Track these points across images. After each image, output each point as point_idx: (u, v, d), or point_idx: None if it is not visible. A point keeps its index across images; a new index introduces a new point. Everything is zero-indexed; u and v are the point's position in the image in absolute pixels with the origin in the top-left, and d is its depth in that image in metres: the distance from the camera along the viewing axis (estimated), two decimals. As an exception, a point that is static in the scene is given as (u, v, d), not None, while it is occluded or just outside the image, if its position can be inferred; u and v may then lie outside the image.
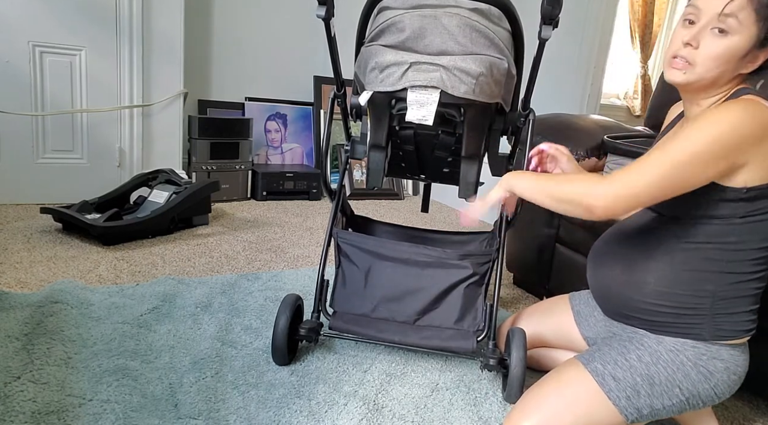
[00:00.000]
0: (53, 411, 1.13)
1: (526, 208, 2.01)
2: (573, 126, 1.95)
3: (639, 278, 1.11)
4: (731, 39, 0.99)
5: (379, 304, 1.44)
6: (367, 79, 1.29)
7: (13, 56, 2.46)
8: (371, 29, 1.30)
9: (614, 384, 1.07)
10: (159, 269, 1.98)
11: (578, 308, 1.37)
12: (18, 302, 1.56)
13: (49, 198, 2.63)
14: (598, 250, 1.24)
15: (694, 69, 1.03)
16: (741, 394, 1.49)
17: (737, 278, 1.05)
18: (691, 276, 1.06)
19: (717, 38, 1.00)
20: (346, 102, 1.52)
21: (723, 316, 1.05)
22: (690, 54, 1.02)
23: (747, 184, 0.99)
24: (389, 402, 1.30)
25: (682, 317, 1.07)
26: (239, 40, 3.33)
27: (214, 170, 3.08)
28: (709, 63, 1.01)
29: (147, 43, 2.72)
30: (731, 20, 0.98)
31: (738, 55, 1.00)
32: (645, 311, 1.11)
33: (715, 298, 1.05)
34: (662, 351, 1.08)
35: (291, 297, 1.41)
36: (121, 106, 2.73)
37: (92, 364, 1.32)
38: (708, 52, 1.01)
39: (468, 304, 1.44)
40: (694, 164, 0.96)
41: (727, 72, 1.02)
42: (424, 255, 1.45)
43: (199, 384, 1.28)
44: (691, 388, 1.06)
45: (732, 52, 1.00)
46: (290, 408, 1.24)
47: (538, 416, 1.07)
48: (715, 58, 1.00)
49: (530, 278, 2.06)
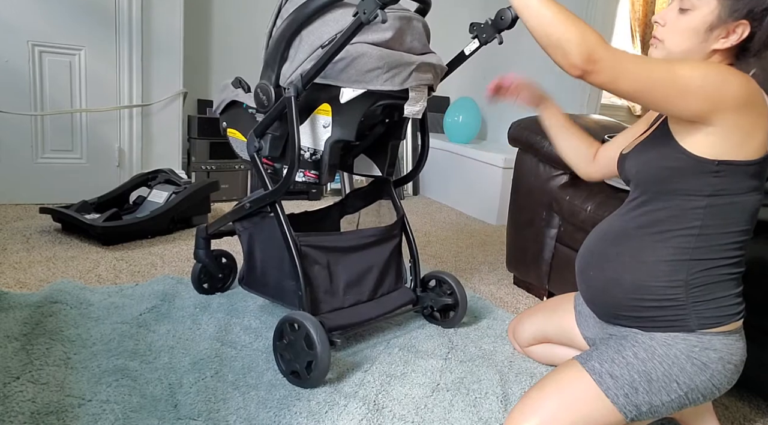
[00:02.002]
0: (52, 412, 1.13)
1: (525, 208, 2.01)
2: (573, 126, 1.95)
3: (617, 276, 1.14)
4: (692, 15, 1.05)
5: (346, 292, 1.52)
6: (358, 78, 1.33)
7: (13, 56, 2.46)
8: (340, 23, 1.31)
9: (612, 382, 1.07)
10: (158, 269, 1.98)
11: (580, 308, 1.38)
12: (17, 303, 1.55)
13: (49, 198, 2.62)
14: (581, 256, 1.27)
15: (663, 44, 1.10)
16: (741, 394, 1.49)
17: (706, 265, 1.06)
18: (661, 267, 1.08)
19: (680, 15, 1.07)
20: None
21: (701, 304, 1.06)
22: (659, 32, 1.11)
23: (717, 157, 1.01)
24: (389, 402, 1.30)
25: (664, 310, 1.08)
26: (239, 40, 3.32)
27: (213, 169, 3.07)
28: (674, 38, 1.08)
29: (147, 42, 2.72)
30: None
31: (701, 29, 1.05)
32: (630, 308, 1.13)
33: (688, 286, 1.07)
34: (656, 346, 1.08)
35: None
36: (121, 106, 2.73)
37: (91, 364, 1.31)
38: (672, 28, 1.08)
39: (398, 265, 1.67)
40: (681, 83, 0.98)
41: (696, 46, 1.07)
42: (369, 236, 1.58)
43: (198, 385, 1.28)
44: (688, 382, 1.06)
45: (694, 26, 1.05)
46: (290, 409, 1.23)
47: (538, 417, 1.07)
48: (679, 32, 1.07)
49: (531, 279, 2.06)
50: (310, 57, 1.34)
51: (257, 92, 1.40)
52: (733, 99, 0.97)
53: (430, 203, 3.54)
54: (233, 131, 1.58)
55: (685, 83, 0.97)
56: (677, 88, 0.97)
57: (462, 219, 3.19)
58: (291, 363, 1.33)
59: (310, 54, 1.34)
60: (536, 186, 1.97)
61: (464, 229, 2.99)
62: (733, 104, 0.98)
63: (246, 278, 1.59)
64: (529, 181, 2.01)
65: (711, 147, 1.01)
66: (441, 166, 3.56)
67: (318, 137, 1.43)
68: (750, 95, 0.98)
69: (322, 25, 1.33)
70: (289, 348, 1.34)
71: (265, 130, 1.43)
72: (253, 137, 1.44)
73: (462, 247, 2.63)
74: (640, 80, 0.98)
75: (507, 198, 2.27)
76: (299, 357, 1.31)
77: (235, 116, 1.55)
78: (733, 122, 0.99)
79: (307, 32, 1.35)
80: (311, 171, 1.47)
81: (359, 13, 1.18)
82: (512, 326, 1.60)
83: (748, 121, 0.99)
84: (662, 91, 0.98)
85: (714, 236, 1.05)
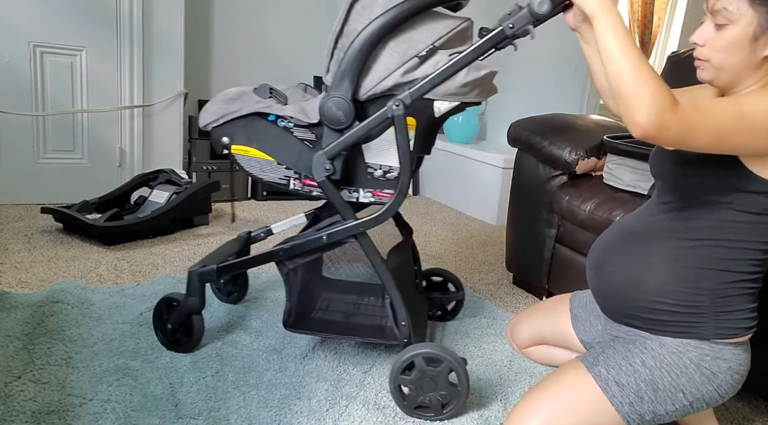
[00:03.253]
0: (54, 411, 1.13)
1: (525, 208, 2.01)
2: (573, 126, 1.96)
3: (639, 276, 1.11)
4: (730, 30, 0.99)
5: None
6: (456, 91, 1.24)
7: (14, 56, 2.47)
8: (434, 31, 1.23)
9: (618, 390, 1.06)
10: (159, 269, 1.98)
11: (576, 311, 1.37)
12: (19, 302, 1.56)
13: (50, 198, 2.63)
14: (597, 250, 1.24)
15: (710, 64, 1.04)
16: (741, 394, 1.49)
17: (735, 277, 1.05)
18: (689, 273, 1.07)
19: (717, 32, 1.01)
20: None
21: (723, 314, 1.05)
22: (701, 52, 1.04)
23: None
24: (390, 402, 1.30)
25: (682, 316, 1.07)
26: (239, 40, 3.33)
27: (214, 170, 3.08)
28: (719, 56, 1.02)
29: (147, 43, 2.72)
30: (723, 14, 0.99)
31: (745, 41, 0.99)
32: (646, 310, 1.11)
33: (714, 296, 1.05)
34: (665, 354, 1.07)
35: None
36: (122, 106, 2.74)
37: (93, 364, 1.32)
38: (714, 47, 1.02)
39: (416, 272, 1.67)
40: (746, 126, 0.94)
41: (744, 58, 1.01)
42: (402, 252, 1.53)
43: (199, 384, 1.29)
44: (695, 392, 1.05)
45: (736, 39, 1.00)
46: (291, 409, 1.24)
47: (539, 418, 1.06)
48: (723, 49, 1.01)
49: (530, 278, 2.06)
50: (403, 67, 1.21)
51: (330, 107, 1.23)
52: None
53: (430, 203, 3.54)
54: (247, 148, 1.35)
55: (758, 121, 0.94)
56: (750, 129, 0.94)
57: (462, 219, 3.19)
58: (423, 398, 1.25)
59: (402, 64, 1.21)
60: (536, 186, 1.98)
61: (464, 229, 2.99)
62: None
63: (294, 320, 1.41)
64: (529, 181, 2.01)
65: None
66: (441, 166, 3.56)
67: (394, 152, 1.30)
68: None
69: (413, 32, 1.21)
70: (421, 385, 1.25)
71: (341, 151, 1.27)
72: (323, 159, 1.26)
73: (462, 247, 2.63)
74: (709, 132, 0.93)
75: (507, 198, 2.27)
76: (434, 392, 1.25)
77: (254, 131, 1.32)
78: None
79: (395, 40, 1.21)
80: (384, 190, 1.34)
81: (503, 26, 1.11)
82: (510, 326, 1.59)
83: None
84: (737, 136, 0.94)
85: (746, 250, 1.04)
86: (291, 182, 1.34)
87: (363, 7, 1.21)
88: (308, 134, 1.30)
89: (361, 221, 1.29)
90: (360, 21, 1.20)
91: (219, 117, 1.32)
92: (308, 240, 1.33)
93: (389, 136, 1.29)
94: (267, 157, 1.34)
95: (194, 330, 1.42)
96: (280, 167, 1.33)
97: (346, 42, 1.22)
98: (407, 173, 1.25)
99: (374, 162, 1.32)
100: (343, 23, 1.23)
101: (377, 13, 1.18)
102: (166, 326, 1.42)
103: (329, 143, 1.26)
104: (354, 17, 1.22)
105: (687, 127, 0.92)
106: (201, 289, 1.41)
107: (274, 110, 1.31)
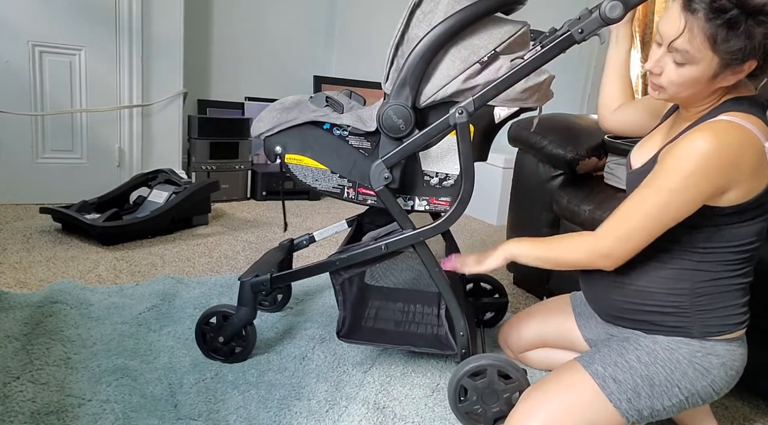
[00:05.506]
0: (53, 412, 1.13)
1: (525, 208, 2.01)
2: (573, 126, 1.95)
3: (619, 280, 1.14)
4: (689, 69, 0.98)
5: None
6: (516, 97, 1.23)
7: (13, 56, 2.46)
8: (495, 36, 1.20)
9: (615, 387, 1.07)
10: (158, 269, 1.98)
11: (579, 309, 1.37)
12: (17, 303, 1.55)
13: (49, 198, 2.62)
14: None
15: (665, 91, 1.04)
16: (741, 394, 1.49)
17: (711, 276, 1.06)
18: (665, 274, 1.09)
19: (676, 67, 0.99)
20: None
21: (707, 312, 1.06)
22: (656, 79, 1.04)
23: (738, 201, 0.99)
24: (390, 402, 1.30)
25: (666, 316, 1.09)
26: (239, 39, 3.33)
27: (213, 170, 3.08)
28: (674, 88, 1.02)
29: (147, 43, 2.72)
30: (683, 55, 0.97)
31: (702, 80, 0.99)
32: (630, 311, 1.13)
33: (693, 295, 1.06)
34: (658, 350, 1.08)
35: None
36: (121, 106, 2.73)
37: (92, 364, 1.31)
38: (670, 80, 1.01)
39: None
40: (675, 201, 0.98)
41: (701, 91, 1.02)
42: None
43: (199, 385, 1.28)
44: (689, 386, 1.06)
45: (693, 79, 0.99)
46: (291, 409, 1.23)
47: (539, 418, 1.07)
48: (679, 85, 1.01)
49: (530, 278, 2.06)
50: (464, 74, 1.19)
51: (390, 115, 1.21)
52: (724, 167, 0.95)
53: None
54: (300, 157, 1.32)
55: (676, 199, 0.97)
56: (675, 204, 0.98)
57: (462, 219, 3.19)
58: (479, 407, 1.23)
59: (463, 70, 1.19)
60: (536, 186, 1.97)
61: (464, 229, 2.99)
62: (726, 170, 0.95)
63: (348, 330, 1.38)
64: (529, 181, 2.01)
65: (728, 195, 0.99)
66: (441, 166, 3.56)
67: (452, 159, 1.29)
68: (733, 150, 0.95)
69: (474, 37, 1.18)
70: (484, 394, 1.23)
71: (400, 159, 1.24)
72: (381, 167, 1.23)
73: (462, 247, 2.63)
74: (646, 228, 1.01)
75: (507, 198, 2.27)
76: (492, 404, 1.23)
77: (308, 140, 1.30)
78: (738, 174, 0.97)
79: (456, 46, 1.18)
80: (440, 198, 1.32)
81: (572, 32, 1.08)
82: (504, 333, 1.52)
83: (754, 178, 0.98)
84: (667, 216, 0.99)
85: (719, 253, 1.05)
86: (345, 190, 1.31)
87: (424, 13, 1.18)
88: (364, 143, 1.28)
89: (421, 230, 1.27)
90: (421, 28, 1.17)
91: (273, 126, 1.30)
92: (367, 250, 1.29)
93: (446, 143, 1.27)
94: (320, 166, 1.31)
95: (249, 340, 1.40)
96: (334, 175, 1.31)
97: (407, 49, 1.19)
98: (470, 181, 1.21)
99: (431, 170, 1.30)
100: (404, 30, 1.20)
101: (438, 20, 1.16)
102: (217, 339, 1.39)
103: (387, 152, 1.23)
104: (415, 24, 1.19)
105: (624, 239, 1.03)
106: (253, 299, 1.38)
107: (331, 119, 1.29)
